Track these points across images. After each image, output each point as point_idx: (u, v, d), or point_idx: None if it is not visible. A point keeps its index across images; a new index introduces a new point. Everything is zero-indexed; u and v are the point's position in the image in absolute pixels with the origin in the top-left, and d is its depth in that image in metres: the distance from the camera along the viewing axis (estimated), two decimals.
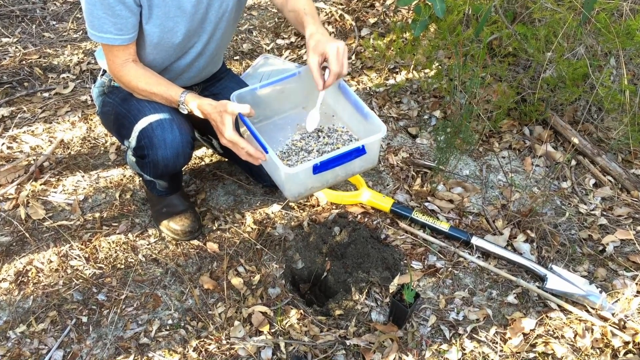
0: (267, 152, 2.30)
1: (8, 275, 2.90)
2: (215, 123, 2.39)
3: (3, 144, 3.58)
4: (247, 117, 2.38)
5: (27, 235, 3.05)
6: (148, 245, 3.06)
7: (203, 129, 3.11)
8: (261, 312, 2.75)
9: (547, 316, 2.78)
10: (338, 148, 2.55)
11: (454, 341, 2.68)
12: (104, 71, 2.88)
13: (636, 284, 2.88)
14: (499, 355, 2.62)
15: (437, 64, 4.09)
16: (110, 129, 2.92)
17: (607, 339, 2.68)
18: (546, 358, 2.63)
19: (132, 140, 2.66)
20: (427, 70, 4.22)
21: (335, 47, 2.32)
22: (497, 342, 2.68)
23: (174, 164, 2.66)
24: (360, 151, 2.38)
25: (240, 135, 2.38)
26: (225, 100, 2.39)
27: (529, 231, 3.15)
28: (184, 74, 2.82)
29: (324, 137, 2.67)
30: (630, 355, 2.61)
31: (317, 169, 2.31)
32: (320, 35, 2.41)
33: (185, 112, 2.54)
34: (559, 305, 2.82)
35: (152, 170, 2.73)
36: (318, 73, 2.38)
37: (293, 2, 2.62)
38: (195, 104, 2.46)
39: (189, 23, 2.55)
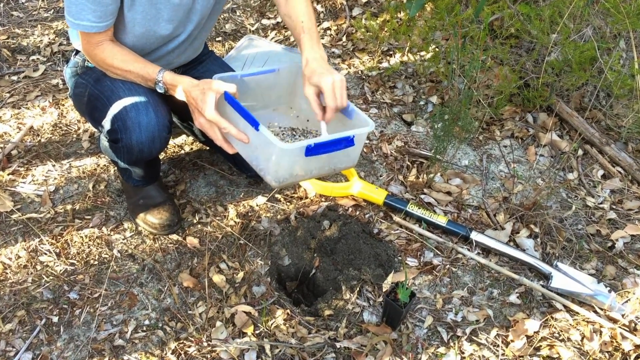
0: (257, 129, 2.27)
1: None
2: (194, 101, 2.38)
3: None
4: None
5: None
6: (123, 239, 3.02)
7: (184, 115, 3.08)
8: (245, 312, 2.73)
9: (552, 317, 2.77)
10: None
11: (452, 344, 2.66)
12: (78, 51, 2.85)
13: None
14: (501, 359, 2.60)
15: (434, 46, 4.07)
16: (83, 112, 2.89)
17: (616, 342, 2.66)
18: None
19: (106, 123, 2.63)
20: (423, 53, 4.22)
21: (331, 81, 2.35)
22: (498, 345, 2.66)
23: (149, 149, 2.63)
24: (349, 142, 2.40)
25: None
26: (209, 79, 2.39)
27: (532, 226, 3.13)
28: (162, 60, 2.80)
29: (299, 136, 2.69)
30: None
31: (310, 150, 2.31)
32: (315, 64, 2.43)
33: (162, 91, 2.53)
34: (564, 306, 2.80)
35: (126, 155, 2.70)
36: (316, 103, 2.42)
37: (292, 5, 2.63)
38: (175, 82, 2.45)
39: (173, 13, 2.54)
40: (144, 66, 2.52)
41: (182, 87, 2.42)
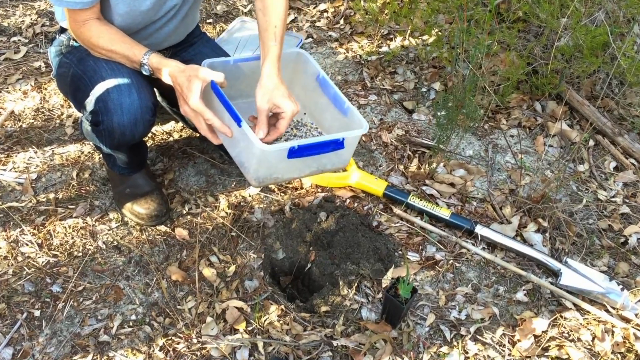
0: (240, 125, 2.26)
1: None
2: (180, 88, 2.38)
3: None
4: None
5: None
6: (109, 230, 3.01)
7: (173, 100, 3.06)
8: (236, 307, 2.72)
9: (561, 316, 2.76)
10: None
11: (455, 343, 2.65)
12: (63, 29, 2.83)
13: None
14: None
15: (436, 30, 4.06)
16: (66, 92, 2.90)
17: (629, 342, 2.66)
18: None
19: (88, 104, 2.62)
20: (425, 37, 4.21)
21: (293, 110, 2.43)
22: (504, 345, 2.65)
23: (131, 132, 2.62)
24: (338, 144, 2.42)
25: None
26: (196, 65, 2.38)
27: (540, 220, 3.13)
28: (151, 38, 2.79)
29: (291, 129, 2.69)
30: None
31: (293, 152, 2.32)
32: (278, 82, 2.47)
33: (148, 74, 2.53)
34: (574, 304, 2.80)
35: (108, 139, 2.69)
36: (266, 119, 2.45)
37: (269, 3, 2.61)
38: (161, 65, 2.45)
39: None
40: (130, 47, 2.51)
41: (169, 72, 2.41)
